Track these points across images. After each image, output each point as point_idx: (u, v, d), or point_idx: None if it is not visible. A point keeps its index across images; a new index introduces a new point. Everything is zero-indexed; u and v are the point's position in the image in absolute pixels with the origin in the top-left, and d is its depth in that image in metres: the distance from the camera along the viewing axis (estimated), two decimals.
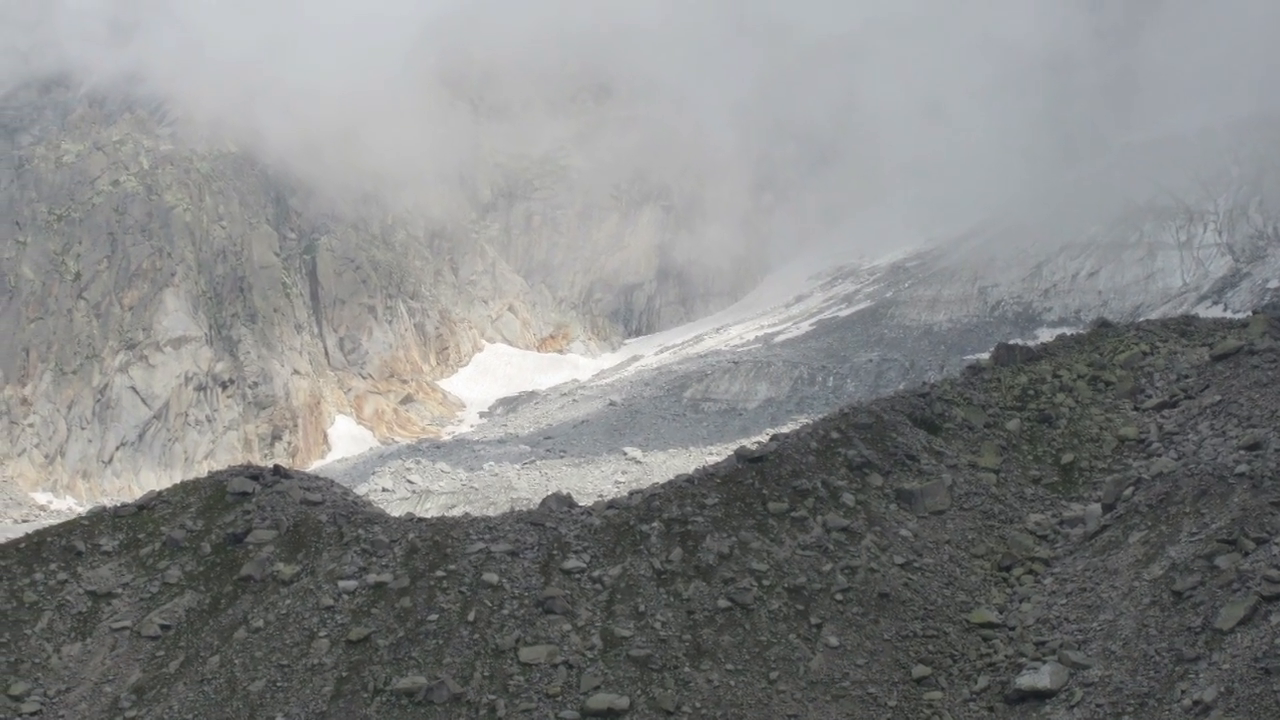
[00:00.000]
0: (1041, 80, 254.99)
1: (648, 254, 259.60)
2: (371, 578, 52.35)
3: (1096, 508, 53.69)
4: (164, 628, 52.31)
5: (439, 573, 51.82)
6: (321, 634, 50.20)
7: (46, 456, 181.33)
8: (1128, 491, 52.96)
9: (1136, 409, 61.53)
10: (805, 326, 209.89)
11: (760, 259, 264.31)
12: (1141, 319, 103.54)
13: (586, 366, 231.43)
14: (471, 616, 49.68)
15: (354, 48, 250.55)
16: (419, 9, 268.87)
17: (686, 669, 47.38)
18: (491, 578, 51.03)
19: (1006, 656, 47.24)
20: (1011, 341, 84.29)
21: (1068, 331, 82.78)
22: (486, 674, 47.64)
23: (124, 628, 52.69)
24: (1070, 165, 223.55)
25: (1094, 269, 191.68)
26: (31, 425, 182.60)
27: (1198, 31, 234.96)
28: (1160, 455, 55.84)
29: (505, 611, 49.93)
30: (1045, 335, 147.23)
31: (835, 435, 58.24)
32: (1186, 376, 62.08)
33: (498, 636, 48.83)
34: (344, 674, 48.48)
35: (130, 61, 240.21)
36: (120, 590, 54.58)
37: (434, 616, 49.94)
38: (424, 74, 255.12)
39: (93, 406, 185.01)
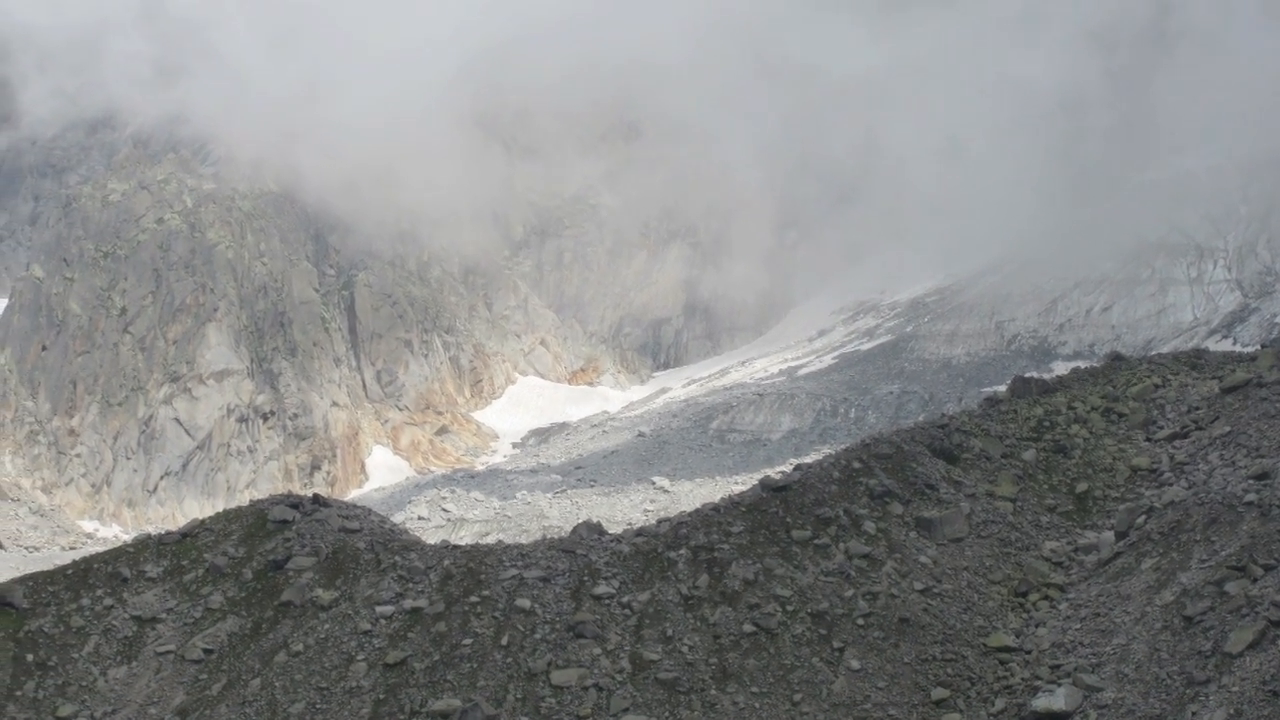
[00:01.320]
0: (1056, 121, 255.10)
1: (675, 289, 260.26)
2: (408, 603, 52.44)
3: (1110, 535, 53.67)
4: (207, 651, 52.43)
5: (473, 598, 51.92)
6: (359, 658, 50.30)
7: (93, 486, 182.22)
8: (1140, 520, 52.94)
9: (1149, 440, 61.48)
10: (827, 360, 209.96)
11: (784, 294, 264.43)
12: (1153, 353, 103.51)
13: (616, 399, 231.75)
14: (505, 641, 49.76)
15: (391, 90, 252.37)
16: (453, 52, 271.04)
17: (713, 691, 47.42)
18: (524, 603, 51.12)
19: (1023, 679, 47.22)
20: (1027, 374, 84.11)
21: (1082, 365, 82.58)
22: (519, 696, 47.71)
23: (168, 651, 52.78)
24: (1084, 203, 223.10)
25: (1107, 304, 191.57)
26: (79, 455, 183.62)
27: (1208, 74, 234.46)
28: (1171, 484, 55.80)
29: (537, 636, 50.00)
30: (1060, 368, 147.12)
31: (857, 465, 58.26)
32: (1197, 408, 62.04)
33: (530, 660, 48.91)
34: (381, 696, 48.57)
35: (174, 103, 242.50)
36: (164, 615, 54.72)
37: (468, 641, 50.01)
38: (458, 115, 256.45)
39: (138, 437, 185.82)
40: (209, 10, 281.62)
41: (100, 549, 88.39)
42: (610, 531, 59.04)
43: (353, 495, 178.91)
